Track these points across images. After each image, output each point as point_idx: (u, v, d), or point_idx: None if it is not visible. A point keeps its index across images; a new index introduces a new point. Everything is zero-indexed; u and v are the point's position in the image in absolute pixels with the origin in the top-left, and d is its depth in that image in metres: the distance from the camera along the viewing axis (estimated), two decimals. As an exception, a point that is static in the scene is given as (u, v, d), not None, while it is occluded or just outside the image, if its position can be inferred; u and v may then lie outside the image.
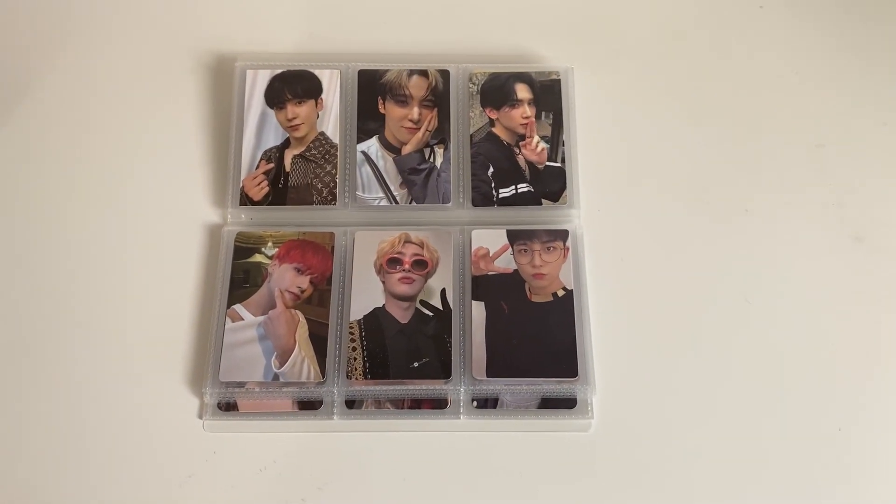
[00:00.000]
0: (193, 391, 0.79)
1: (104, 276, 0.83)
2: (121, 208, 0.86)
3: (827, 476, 0.76)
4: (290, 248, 0.83)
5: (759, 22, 0.95)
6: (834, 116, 0.90)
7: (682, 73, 0.92)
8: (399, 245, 0.82)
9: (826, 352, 0.81)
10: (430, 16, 0.95)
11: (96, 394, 0.79)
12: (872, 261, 0.84)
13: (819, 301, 0.83)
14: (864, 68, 0.92)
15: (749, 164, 0.88)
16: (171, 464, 0.77)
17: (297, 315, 0.80)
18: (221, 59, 0.92)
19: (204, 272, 0.83)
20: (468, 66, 0.89)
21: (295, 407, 0.78)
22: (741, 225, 0.86)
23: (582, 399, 0.78)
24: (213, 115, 0.90)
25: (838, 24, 0.95)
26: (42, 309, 0.82)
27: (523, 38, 0.93)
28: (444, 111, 0.87)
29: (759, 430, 0.78)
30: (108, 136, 0.89)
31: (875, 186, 0.87)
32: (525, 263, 0.82)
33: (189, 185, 0.87)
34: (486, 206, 0.84)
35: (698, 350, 0.81)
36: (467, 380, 0.78)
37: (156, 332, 0.81)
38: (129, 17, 0.94)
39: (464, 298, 0.81)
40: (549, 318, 0.80)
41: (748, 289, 0.83)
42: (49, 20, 0.94)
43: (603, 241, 0.85)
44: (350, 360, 0.78)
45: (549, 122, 0.87)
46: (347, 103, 0.88)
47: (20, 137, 0.88)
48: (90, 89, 0.91)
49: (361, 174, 0.85)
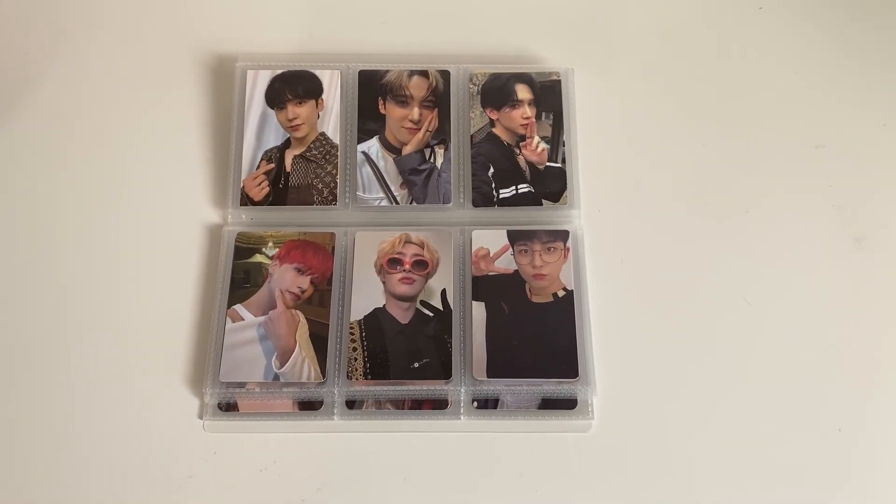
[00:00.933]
0: (194, 391, 0.79)
1: (104, 276, 0.83)
2: (121, 208, 0.86)
3: (827, 477, 0.77)
4: (290, 249, 0.83)
5: (759, 22, 0.95)
6: (834, 117, 0.90)
7: (682, 73, 0.92)
8: (399, 245, 0.82)
9: (826, 352, 0.81)
10: (431, 16, 0.95)
11: (96, 394, 0.79)
12: (872, 261, 0.84)
13: (819, 302, 0.83)
14: (864, 69, 0.92)
15: (749, 165, 0.88)
16: (171, 464, 0.77)
17: (297, 315, 0.80)
18: (222, 59, 0.92)
19: (204, 272, 0.83)
20: (469, 67, 0.89)
21: (295, 407, 0.78)
22: (741, 225, 0.86)
23: (582, 400, 0.78)
24: (214, 115, 0.90)
25: (838, 25, 0.95)
26: (42, 309, 0.82)
27: (524, 39, 0.93)
28: (444, 112, 0.87)
29: (760, 430, 0.78)
30: (108, 136, 0.89)
31: (875, 187, 0.88)
32: (525, 264, 0.82)
33: (190, 185, 0.87)
34: (486, 206, 0.84)
35: (698, 351, 0.81)
36: (468, 380, 0.78)
37: (156, 333, 0.81)
38: (130, 18, 0.94)
39: (464, 299, 0.81)
40: (550, 319, 0.80)
41: (748, 289, 0.83)
42: (49, 20, 0.94)
43: (603, 241, 0.85)
44: (350, 361, 0.78)
45: (549, 123, 0.87)
46: (348, 104, 0.88)
47: (20, 137, 0.88)
48: (90, 89, 0.91)
49: (362, 174, 0.85)
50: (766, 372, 0.80)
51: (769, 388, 0.79)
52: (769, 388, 0.79)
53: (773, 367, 0.80)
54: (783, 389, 0.79)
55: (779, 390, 0.79)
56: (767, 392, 0.79)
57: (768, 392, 0.79)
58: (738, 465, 0.77)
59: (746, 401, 0.79)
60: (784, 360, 0.80)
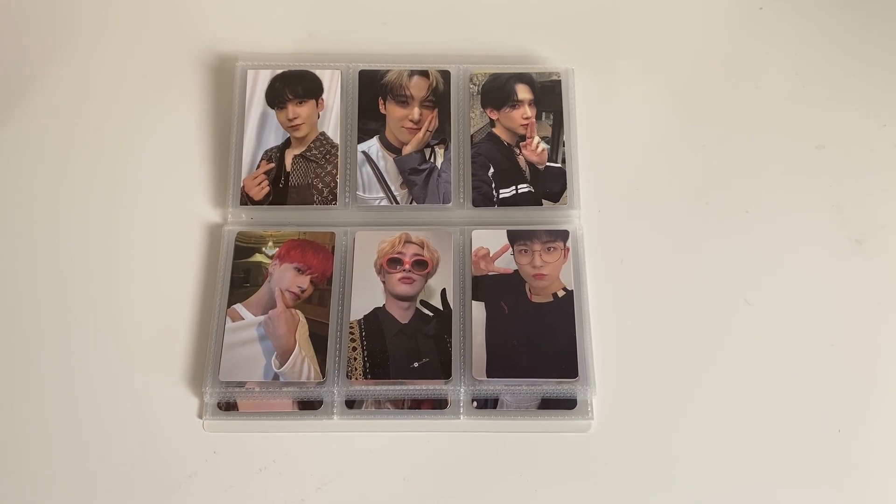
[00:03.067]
0: (193, 391, 0.79)
1: (105, 276, 0.83)
2: (122, 208, 0.86)
3: (827, 477, 0.76)
4: (290, 248, 0.83)
5: (760, 23, 0.95)
6: (834, 118, 0.90)
7: (682, 73, 0.92)
8: (399, 245, 0.82)
9: (826, 353, 0.81)
10: (431, 16, 0.95)
11: (96, 393, 0.79)
12: (872, 262, 0.84)
13: (819, 303, 0.83)
14: (865, 69, 0.92)
15: (749, 166, 0.88)
16: (171, 463, 0.77)
17: (297, 315, 0.80)
18: (222, 59, 0.92)
19: (204, 272, 0.83)
20: (469, 67, 0.89)
21: (295, 407, 0.78)
22: (741, 226, 0.86)
23: (582, 400, 0.78)
24: (214, 114, 0.90)
25: (839, 26, 0.95)
26: (42, 308, 0.82)
27: (524, 39, 0.94)
28: (444, 111, 0.87)
29: (759, 431, 0.78)
30: (108, 135, 0.89)
31: (875, 188, 0.88)
32: (525, 264, 0.82)
33: (190, 184, 0.87)
34: (486, 206, 0.84)
35: (698, 351, 0.81)
36: (467, 380, 0.78)
37: (156, 332, 0.81)
38: (131, 18, 0.94)
39: (464, 299, 0.81)
40: (550, 319, 0.80)
41: (748, 289, 0.83)
42: (49, 20, 0.94)
43: (603, 241, 0.85)
44: (350, 360, 0.78)
45: (549, 123, 0.87)
46: (348, 103, 0.88)
47: (20, 137, 0.88)
48: (91, 89, 0.91)
49: (362, 174, 0.85)
50: (765, 372, 0.80)
51: (769, 388, 0.79)
52: (769, 389, 0.79)
53: (772, 368, 0.80)
54: (783, 389, 0.79)
55: (778, 390, 0.79)
56: (767, 392, 0.79)
57: (768, 392, 0.79)
58: (738, 465, 0.77)
59: (746, 401, 0.79)
60: (784, 361, 0.80)
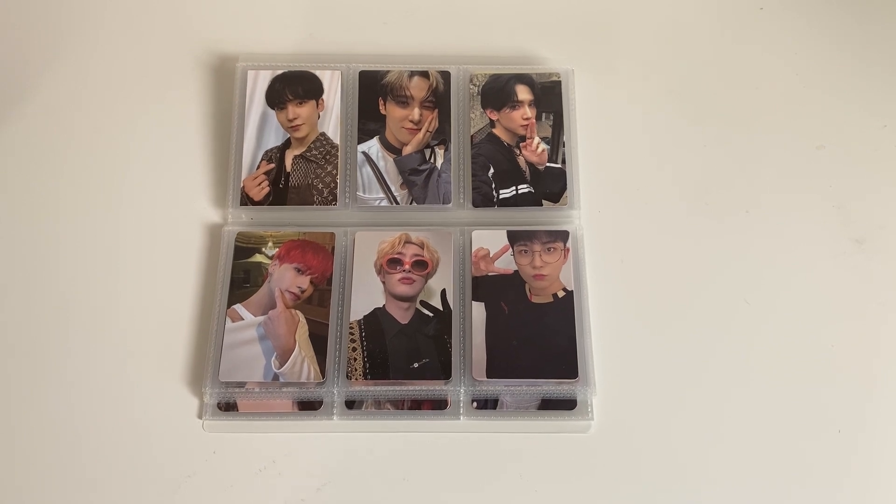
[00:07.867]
0: (193, 391, 0.79)
1: (104, 276, 0.83)
2: (121, 208, 0.86)
3: (827, 477, 0.76)
4: (290, 248, 0.83)
5: (760, 23, 0.95)
6: (834, 118, 0.90)
7: (682, 74, 0.92)
8: (399, 245, 0.82)
9: (826, 354, 0.81)
10: (431, 17, 0.95)
11: (96, 394, 0.79)
12: (872, 262, 0.84)
13: (819, 303, 0.83)
14: (865, 70, 0.92)
15: (749, 166, 0.88)
16: (171, 464, 0.77)
17: (297, 315, 0.80)
18: (223, 59, 0.92)
19: (204, 272, 0.83)
20: (469, 68, 0.89)
21: (295, 407, 0.78)
22: (741, 226, 0.86)
23: (582, 400, 0.78)
24: (215, 115, 0.90)
25: (839, 26, 0.95)
26: (42, 309, 0.82)
27: (524, 40, 0.94)
28: (444, 112, 0.87)
29: (759, 431, 0.78)
30: (108, 136, 0.89)
31: (875, 188, 0.88)
32: (525, 264, 0.82)
33: (190, 184, 0.87)
34: (486, 206, 0.84)
35: (698, 351, 0.81)
36: (467, 380, 0.78)
37: (156, 332, 0.81)
38: (131, 18, 0.94)
39: (464, 299, 0.81)
40: (550, 319, 0.80)
41: (748, 290, 0.83)
42: (50, 20, 0.94)
43: (603, 242, 0.85)
44: (350, 361, 0.78)
45: (549, 124, 0.87)
46: (348, 104, 0.88)
47: (20, 137, 0.88)
48: (91, 89, 0.91)
49: (362, 175, 0.85)
50: (765, 372, 0.80)
51: (769, 388, 0.79)
52: (769, 389, 0.79)
53: (772, 368, 0.80)
54: (783, 390, 0.79)
55: (778, 391, 0.79)
56: (767, 392, 0.79)
57: (768, 392, 0.79)
58: (738, 465, 0.77)
59: (746, 401, 0.79)
60: (784, 361, 0.80)
